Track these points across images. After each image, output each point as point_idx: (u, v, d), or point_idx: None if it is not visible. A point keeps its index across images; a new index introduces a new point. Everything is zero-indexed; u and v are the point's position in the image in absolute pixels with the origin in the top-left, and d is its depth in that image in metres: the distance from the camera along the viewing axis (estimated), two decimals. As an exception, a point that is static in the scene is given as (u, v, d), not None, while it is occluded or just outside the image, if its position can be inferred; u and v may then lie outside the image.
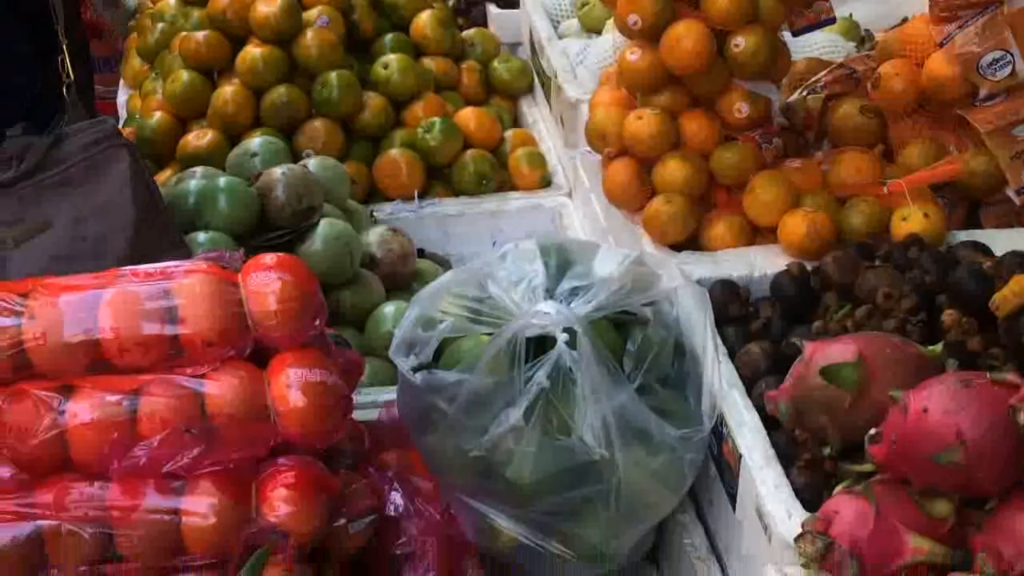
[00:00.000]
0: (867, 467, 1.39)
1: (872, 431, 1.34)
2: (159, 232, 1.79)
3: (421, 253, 2.51)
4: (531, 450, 1.59)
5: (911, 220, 1.92)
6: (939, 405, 1.28)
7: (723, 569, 1.72)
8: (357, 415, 1.74)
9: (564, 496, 1.61)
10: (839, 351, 1.45)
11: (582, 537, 1.66)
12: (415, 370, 1.67)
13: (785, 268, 1.83)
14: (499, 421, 1.61)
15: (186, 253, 1.81)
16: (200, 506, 1.40)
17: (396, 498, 1.75)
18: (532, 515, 1.66)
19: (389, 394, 1.98)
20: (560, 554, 1.68)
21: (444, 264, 2.55)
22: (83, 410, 1.39)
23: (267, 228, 2.19)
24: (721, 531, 1.74)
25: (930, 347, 1.51)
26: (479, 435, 1.62)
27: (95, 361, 1.43)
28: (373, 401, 1.95)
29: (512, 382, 1.61)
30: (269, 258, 1.51)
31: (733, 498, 1.62)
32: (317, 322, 1.50)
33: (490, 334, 1.66)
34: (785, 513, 1.46)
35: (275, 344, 1.49)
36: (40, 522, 1.38)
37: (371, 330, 2.22)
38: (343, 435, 1.59)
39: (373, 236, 2.34)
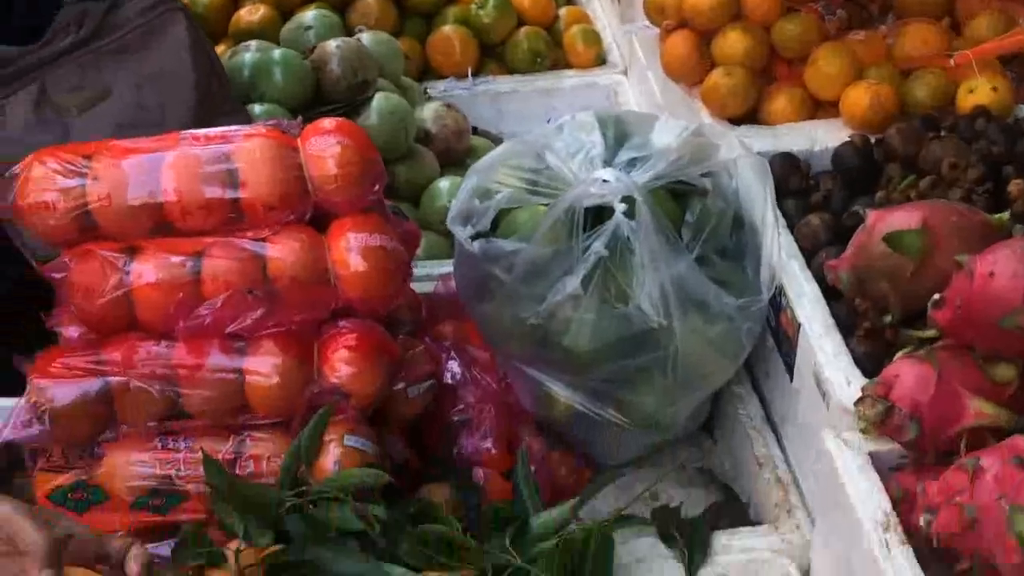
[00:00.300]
0: (930, 333, 1.39)
1: (936, 296, 1.32)
2: (219, 97, 1.78)
3: (474, 131, 2.50)
4: (589, 318, 1.59)
5: (978, 92, 1.88)
6: (1006, 269, 1.27)
7: (778, 439, 1.73)
8: (413, 288, 1.75)
9: (621, 364, 1.62)
10: (903, 218, 1.44)
11: (638, 405, 1.67)
12: (472, 239, 1.67)
13: (848, 139, 1.81)
14: (557, 289, 1.60)
15: (246, 119, 1.82)
16: (263, 366, 1.43)
17: (453, 366, 1.78)
18: (589, 383, 1.66)
19: (445, 267, 1.99)
20: (616, 422, 1.69)
21: (497, 142, 2.53)
22: (148, 271, 1.41)
23: (321, 102, 2.18)
24: (776, 401, 1.74)
25: (996, 215, 1.49)
26: (536, 304, 1.62)
27: (158, 224, 1.45)
28: (429, 274, 1.96)
29: (570, 251, 1.60)
30: (328, 123, 1.50)
31: (790, 368, 1.63)
32: (376, 187, 1.51)
33: (547, 204, 1.66)
34: (844, 380, 1.46)
35: (335, 209, 1.50)
36: (109, 379, 1.41)
37: (426, 205, 2.23)
38: (402, 302, 1.61)
39: (427, 112, 2.33)
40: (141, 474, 1.42)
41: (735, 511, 1.73)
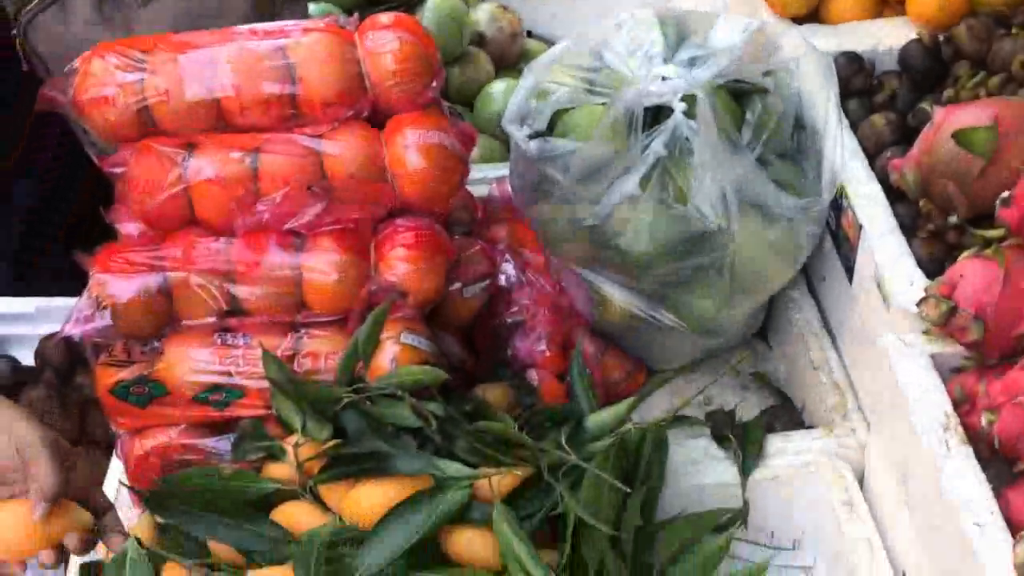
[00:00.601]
0: (996, 232, 1.36)
1: (1005, 194, 1.29)
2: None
3: (528, 34, 2.46)
4: (646, 219, 1.57)
5: (1051, -12, 1.82)
6: (1079, 167, 1.24)
7: (835, 343, 1.71)
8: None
9: (678, 266, 1.60)
10: (973, 115, 1.40)
11: (694, 308, 1.66)
12: (529, 139, 1.65)
13: (915, 38, 1.76)
14: (614, 190, 1.59)
15: (303, 14, 1.80)
16: (321, 263, 1.43)
17: (508, 269, 1.77)
18: (644, 286, 1.65)
19: (500, 171, 1.98)
20: (671, 325, 1.68)
21: (552, 45, 2.49)
22: (206, 166, 1.41)
23: (375, 2, 2.16)
24: (833, 306, 1.72)
25: (1069, 115, 1.45)
26: (593, 205, 1.61)
27: (216, 119, 1.44)
28: (483, 178, 1.95)
29: (628, 151, 1.58)
30: (386, 17, 1.48)
31: (850, 271, 1.60)
32: (434, 84, 1.49)
33: (605, 104, 1.63)
34: (906, 281, 1.44)
35: (392, 106, 1.48)
36: (168, 274, 1.42)
37: (480, 108, 2.21)
38: (459, 201, 1.60)
39: (482, 13, 2.29)
40: (201, 369, 1.43)
41: (789, 416, 1.72)
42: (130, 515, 1.48)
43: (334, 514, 1.33)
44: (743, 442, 1.55)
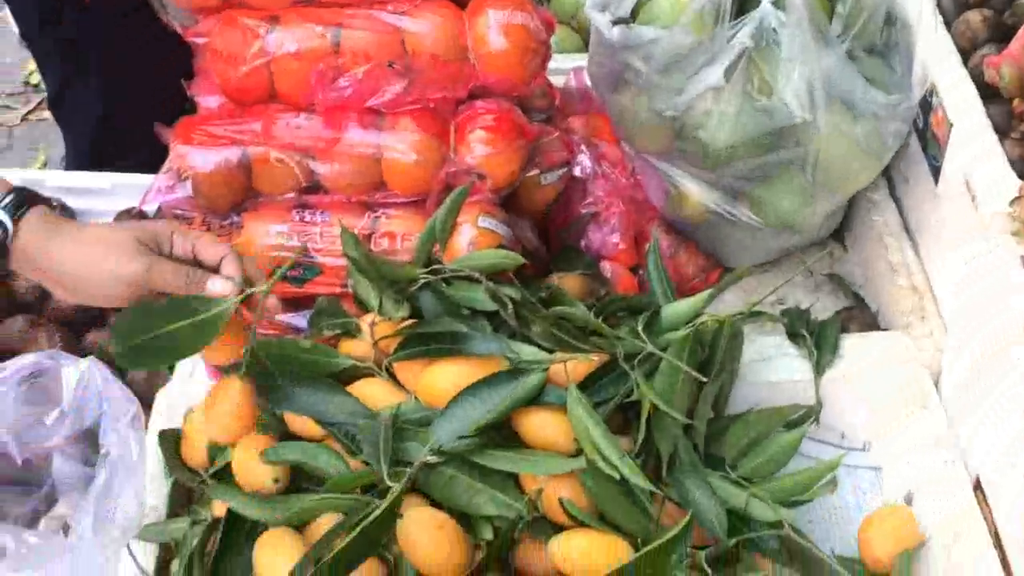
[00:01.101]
0: (1097, 131, 1.32)
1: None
2: None
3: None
4: (729, 111, 1.54)
5: None
6: None
7: (914, 247, 1.68)
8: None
9: (759, 161, 1.57)
10: (1079, 10, 1.35)
11: (773, 204, 1.63)
12: (612, 24, 1.61)
13: (1016, -68, 1.69)
14: (697, 81, 1.55)
15: None
16: (401, 142, 1.42)
17: (583, 160, 1.75)
18: (723, 180, 1.63)
19: (577, 61, 1.95)
20: (749, 222, 1.66)
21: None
22: (288, 40, 1.40)
23: None
24: (915, 208, 1.69)
25: None
26: (675, 95, 1.58)
27: (298, -8, 1.43)
28: (560, 68, 1.92)
29: (713, 41, 1.54)
30: None
31: (936, 172, 1.57)
32: (517, -38, 1.46)
33: (691, -8, 1.59)
34: (997, 182, 1.40)
35: (474, -15, 1.46)
36: (248, 148, 1.41)
37: (558, -2, 2.17)
38: (538, 87, 1.58)
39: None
40: (279, 245, 1.44)
41: (863, 318, 1.70)
42: (206, 388, 1.50)
43: (409, 392, 1.34)
44: (818, 340, 1.54)
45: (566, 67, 1.96)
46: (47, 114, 3.29)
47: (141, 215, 1.89)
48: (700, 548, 1.22)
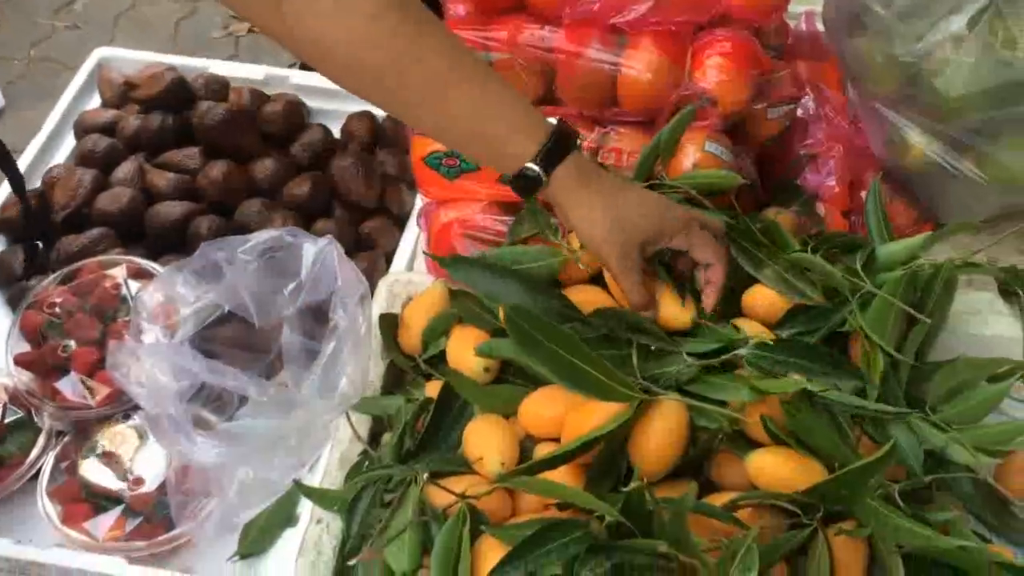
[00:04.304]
0: None
1: None
2: None
3: None
4: (968, 61, 1.52)
5: None
6: None
7: None
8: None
9: (991, 114, 1.56)
10: None
11: (999, 160, 1.61)
12: (856, -34, 1.61)
13: None
14: (938, 28, 1.54)
15: None
16: (639, 61, 1.46)
17: (807, 102, 1.76)
18: (950, 131, 1.61)
19: (807, 5, 1.95)
20: (971, 176, 1.64)
21: None
22: (541, -47, 1.45)
23: None
24: None
25: None
26: (913, 42, 1.57)
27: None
28: (793, 11, 1.91)
29: (959, -11, 1.53)
30: None
31: None
32: None
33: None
34: None
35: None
36: (493, 54, 1.48)
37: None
38: (775, 23, 1.60)
39: None
40: (511, 151, 1.50)
41: (1079, 287, 1.67)
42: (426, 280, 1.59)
43: (613, 300, 1.40)
44: (1031, 301, 1.52)
45: (798, 11, 1.96)
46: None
47: (371, 118, 1.99)
48: (895, 482, 1.24)
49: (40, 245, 1.86)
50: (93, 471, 1.54)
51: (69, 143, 2.07)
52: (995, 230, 1.77)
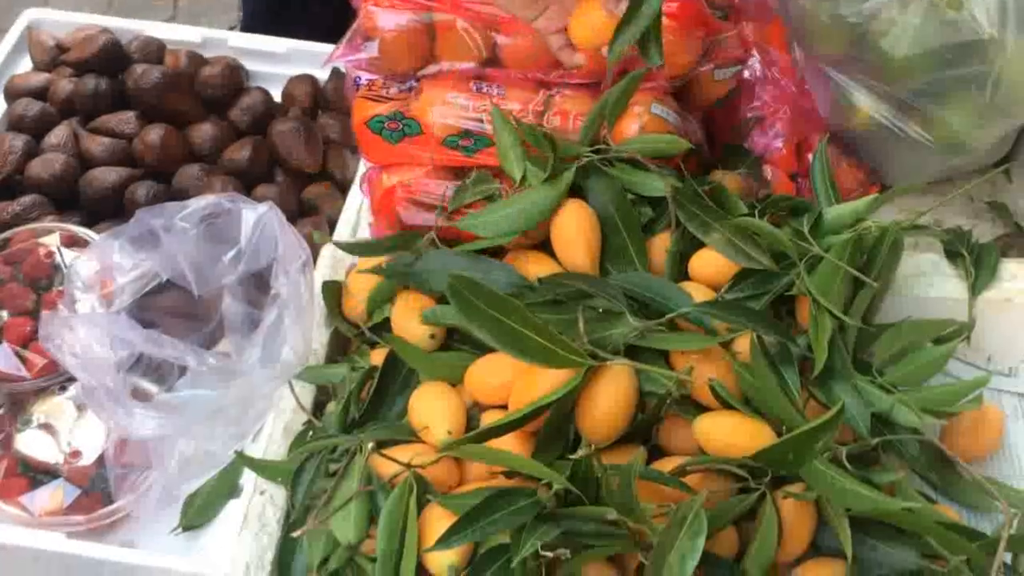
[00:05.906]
0: None
1: None
2: None
3: None
4: (914, 21, 1.52)
5: None
6: None
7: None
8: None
9: (937, 75, 1.55)
10: None
11: (945, 122, 1.61)
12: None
13: None
14: (884, -12, 1.54)
15: None
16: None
17: (754, 64, 1.75)
18: (897, 93, 1.61)
19: (753, -35, 1.93)
20: (917, 138, 1.64)
21: None
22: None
23: None
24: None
25: None
26: (859, 2, 1.55)
27: None
28: (735, -30, 1.90)
29: (904, -51, 1.52)
30: None
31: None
32: None
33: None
34: None
35: None
36: (435, 14, 1.44)
37: (740, -100, 2.14)
38: (719, -17, 1.58)
39: None
40: (454, 114, 1.47)
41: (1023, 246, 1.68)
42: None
43: (559, 266, 1.38)
44: (976, 262, 1.53)
45: (741, -30, 1.94)
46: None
47: (312, 82, 1.95)
48: (842, 444, 1.24)
49: (-30, 214, 1.80)
50: (29, 444, 1.50)
51: (-1, 108, 2.02)
52: (941, 192, 1.78)
